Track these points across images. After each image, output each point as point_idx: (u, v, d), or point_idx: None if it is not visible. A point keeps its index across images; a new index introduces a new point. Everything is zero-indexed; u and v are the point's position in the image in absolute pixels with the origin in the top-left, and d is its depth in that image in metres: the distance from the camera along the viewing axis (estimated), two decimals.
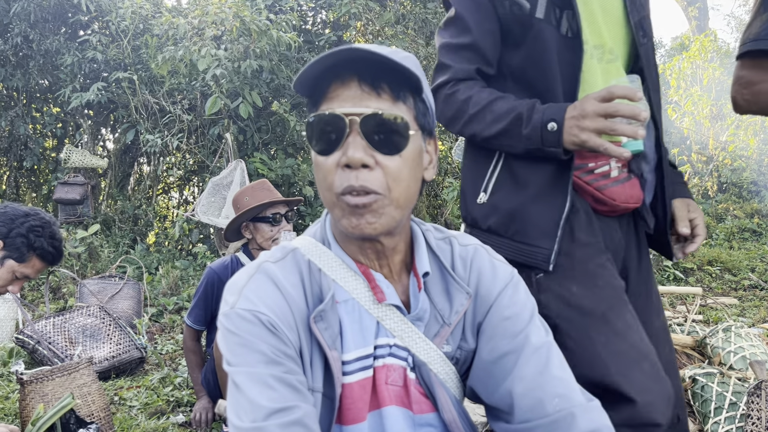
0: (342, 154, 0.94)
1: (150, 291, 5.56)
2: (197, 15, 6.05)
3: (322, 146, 0.95)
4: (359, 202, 0.93)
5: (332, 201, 0.96)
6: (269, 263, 1.04)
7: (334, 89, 0.95)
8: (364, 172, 0.93)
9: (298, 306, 1.00)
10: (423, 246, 1.09)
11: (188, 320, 2.94)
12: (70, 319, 3.93)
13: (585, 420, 0.97)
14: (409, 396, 1.05)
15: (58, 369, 2.75)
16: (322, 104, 0.96)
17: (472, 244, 1.14)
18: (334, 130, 0.94)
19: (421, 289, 1.06)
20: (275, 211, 2.82)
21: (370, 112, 0.93)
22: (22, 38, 7.13)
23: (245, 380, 0.92)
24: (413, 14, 7.21)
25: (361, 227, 0.95)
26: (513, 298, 1.09)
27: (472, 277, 1.10)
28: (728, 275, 6.39)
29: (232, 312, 0.98)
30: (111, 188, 7.98)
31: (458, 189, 6.62)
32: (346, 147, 0.93)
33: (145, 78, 7.16)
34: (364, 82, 0.94)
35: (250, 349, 0.94)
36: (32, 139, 7.77)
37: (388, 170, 0.95)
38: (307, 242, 1.08)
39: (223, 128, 6.66)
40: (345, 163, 0.93)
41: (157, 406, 3.26)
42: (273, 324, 0.96)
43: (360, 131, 0.93)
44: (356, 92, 0.94)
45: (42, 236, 2.18)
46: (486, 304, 1.09)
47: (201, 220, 5.49)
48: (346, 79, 0.94)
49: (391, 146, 0.95)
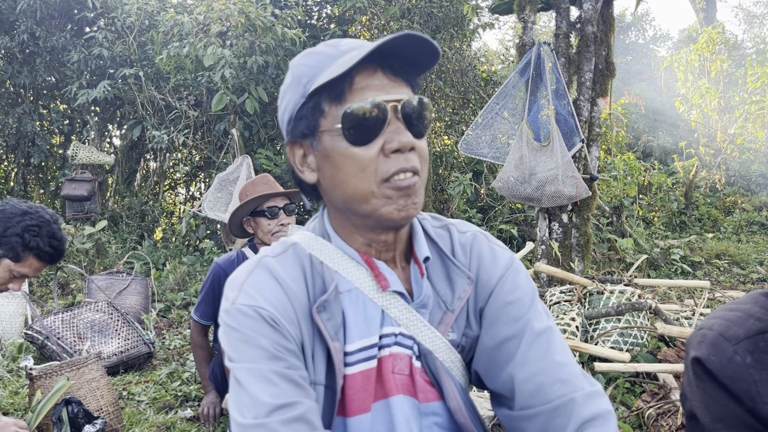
0: (386, 141, 0.94)
1: (157, 286, 5.59)
2: (202, 11, 6.05)
3: (362, 136, 0.94)
4: (410, 183, 0.95)
5: (370, 191, 0.95)
6: (269, 258, 1.04)
7: (360, 80, 0.94)
8: (410, 154, 0.95)
9: (299, 299, 1.00)
10: (420, 232, 1.09)
11: (195, 315, 2.95)
12: (78, 314, 3.96)
13: (587, 405, 0.97)
14: (414, 385, 1.05)
15: (66, 364, 2.77)
16: (349, 96, 0.94)
17: (470, 230, 1.15)
18: (376, 119, 0.93)
19: (424, 275, 1.06)
20: (272, 204, 2.80)
21: (407, 98, 0.95)
22: (29, 35, 7.15)
23: (247, 376, 0.92)
24: (418, 8, 7.19)
25: (407, 209, 0.96)
26: (514, 283, 1.08)
27: (473, 262, 1.10)
28: (736, 268, 6.36)
29: (232, 308, 0.97)
30: (118, 184, 8.01)
31: (464, 183, 6.60)
32: (391, 133, 0.94)
33: (151, 74, 7.18)
34: (388, 70, 0.96)
35: (251, 344, 0.94)
36: (39, 136, 7.80)
37: (422, 152, 0.98)
38: (306, 236, 1.08)
39: (229, 124, 6.67)
40: (396, 148, 0.94)
41: (166, 401, 3.28)
42: (274, 319, 0.96)
43: (400, 117, 0.95)
44: (383, 81, 0.95)
45: (39, 236, 2.13)
46: (487, 290, 1.09)
47: (208, 215, 5.51)
48: (369, 69, 0.95)
49: (423, 129, 0.98)
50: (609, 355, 3.12)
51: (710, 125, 9.93)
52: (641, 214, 8.11)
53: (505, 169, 4.70)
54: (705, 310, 3.98)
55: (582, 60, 4.84)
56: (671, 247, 6.54)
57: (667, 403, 2.75)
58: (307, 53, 1.02)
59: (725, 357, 0.91)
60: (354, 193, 0.96)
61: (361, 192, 0.96)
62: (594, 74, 4.86)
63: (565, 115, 4.69)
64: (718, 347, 0.92)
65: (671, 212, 8.37)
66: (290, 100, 1.01)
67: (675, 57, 11.41)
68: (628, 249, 6.50)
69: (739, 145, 9.44)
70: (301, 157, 1.04)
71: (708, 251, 6.72)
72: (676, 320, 3.70)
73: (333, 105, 0.95)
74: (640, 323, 3.40)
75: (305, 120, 0.98)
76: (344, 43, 0.99)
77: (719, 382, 0.91)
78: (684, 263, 6.29)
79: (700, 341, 0.96)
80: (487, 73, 8.41)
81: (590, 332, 3.50)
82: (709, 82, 10.14)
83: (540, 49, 4.75)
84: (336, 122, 0.95)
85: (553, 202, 4.56)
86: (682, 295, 5.05)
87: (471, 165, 7.65)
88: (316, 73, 0.97)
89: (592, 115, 4.88)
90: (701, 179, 9.23)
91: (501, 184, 4.75)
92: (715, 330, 0.95)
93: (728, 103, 9.92)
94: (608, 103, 5.19)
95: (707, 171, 9.42)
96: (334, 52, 0.98)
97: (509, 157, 4.70)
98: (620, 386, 3.10)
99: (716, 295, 4.52)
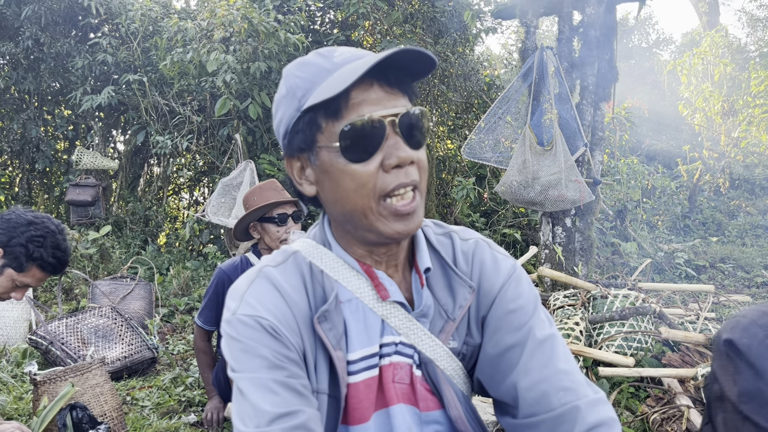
0: (385, 157, 0.93)
1: (161, 291, 5.59)
2: (206, 17, 6.07)
3: (360, 153, 0.93)
4: (410, 209, 0.95)
5: (369, 207, 0.94)
6: (269, 267, 1.04)
7: (357, 95, 0.92)
8: (410, 168, 0.95)
9: (300, 308, 1.00)
10: (423, 242, 1.08)
11: (199, 321, 2.95)
12: (82, 319, 3.96)
13: (591, 413, 0.96)
14: (415, 393, 1.05)
15: (70, 369, 2.77)
16: (345, 112, 0.93)
17: (473, 238, 1.14)
18: (373, 135, 0.92)
19: (424, 285, 1.05)
20: (282, 211, 2.82)
21: (404, 111, 0.94)
22: (33, 41, 7.18)
23: (248, 386, 0.93)
24: (421, 13, 7.20)
25: (409, 229, 0.96)
26: (516, 291, 1.08)
27: (475, 270, 1.09)
28: (741, 272, 6.34)
29: (233, 318, 0.98)
30: (122, 189, 8.03)
31: (467, 188, 6.60)
32: (390, 148, 0.93)
33: (155, 80, 7.20)
34: (384, 82, 0.94)
35: (253, 354, 0.94)
36: (44, 141, 7.84)
37: (421, 163, 0.97)
38: (307, 244, 1.08)
39: (233, 129, 6.68)
40: (395, 165, 0.93)
41: (169, 406, 3.28)
42: (275, 328, 0.96)
43: (398, 131, 0.93)
44: (380, 94, 0.93)
45: (42, 246, 2.12)
46: (489, 298, 1.08)
47: (211, 220, 5.51)
48: (365, 83, 0.93)
49: (422, 139, 0.97)
50: (613, 360, 3.11)
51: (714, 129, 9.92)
52: (645, 218, 8.09)
53: (508, 173, 4.70)
54: (709, 314, 3.96)
55: (585, 64, 4.84)
56: (675, 251, 6.53)
57: (672, 407, 2.74)
58: (300, 63, 1.00)
59: (756, 339, 1.03)
60: (353, 208, 0.96)
61: (360, 208, 0.95)
62: (597, 78, 4.86)
63: (568, 119, 4.69)
64: (749, 331, 1.05)
65: (675, 216, 8.36)
66: (285, 113, 0.99)
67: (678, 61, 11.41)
68: (631, 253, 6.48)
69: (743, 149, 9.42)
70: (299, 170, 1.03)
71: (712, 255, 6.71)
72: (681, 324, 3.68)
73: (329, 121, 0.94)
74: (644, 327, 3.39)
75: (302, 134, 0.97)
76: (338, 54, 0.97)
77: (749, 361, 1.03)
78: (688, 267, 6.27)
79: (733, 326, 1.08)
80: (490, 78, 8.42)
81: (594, 337, 3.49)
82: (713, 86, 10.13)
83: (543, 53, 4.75)
84: (333, 139, 0.93)
85: (556, 206, 4.56)
86: (686, 299, 5.04)
87: (474, 169, 7.65)
88: (311, 87, 0.95)
89: (594, 119, 4.88)
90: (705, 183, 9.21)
91: (504, 188, 4.75)
92: (749, 317, 1.07)
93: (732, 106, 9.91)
94: (611, 107, 5.18)
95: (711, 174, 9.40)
96: (328, 65, 0.96)
97: (512, 162, 4.70)
98: (624, 391, 3.09)
99: (721, 299, 4.50)
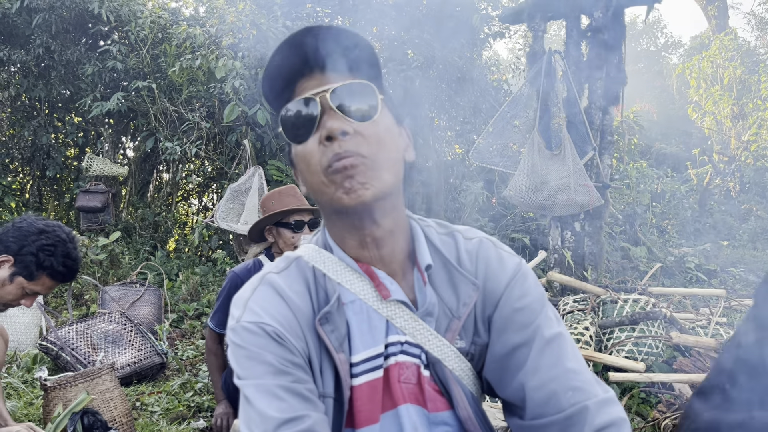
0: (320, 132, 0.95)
1: (170, 297, 5.61)
2: (214, 24, 6.11)
3: (300, 133, 0.96)
4: (347, 163, 0.92)
5: (320, 181, 0.95)
6: (272, 274, 1.04)
7: (300, 86, 0.98)
8: (345, 140, 0.93)
9: (303, 313, 1.00)
10: (422, 239, 1.08)
11: (211, 323, 2.96)
12: (92, 325, 3.98)
13: (600, 413, 0.94)
14: (423, 393, 1.03)
15: (80, 375, 2.79)
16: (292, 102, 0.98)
17: (477, 236, 1.12)
18: (308, 114, 0.95)
19: (426, 282, 1.04)
20: (299, 218, 2.83)
21: (337, 84, 0.95)
22: (44, 49, 7.25)
23: (254, 392, 0.93)
24: (428, 18, 7.21)
25: (355, 189, 0.93)
26: (522, 288, 1.06)
27: (479, 269, 1.08)
28: (752, 276, 6.28)
29: (238, 326, 0.98)
30: (131, 196, 8.08)
31: (475, 192, 6.59)
32: (323, 123, 0.94)
33: (164, 86, 7.25)
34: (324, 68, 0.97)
35: (257, 361, 0.95)
36: (54, 148, 7.90)
37: (368, 135, 0.95)
38: (309, 249, 1.08)
39: (241, 135, 6.71)
40: (326, 136, 0.93)
41: (178, 412, 3.28)
42: (279, 334, 0.96)
43: (332, 105, 0.94)
44: (321, 79, 0.96)
45: (53, 255, 2.12)
46: (495, 297, 1.06)
47: (220, 226, 5.53)
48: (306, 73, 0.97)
49: (365, 112, 0.96)
50: (623, 365, 3.09)
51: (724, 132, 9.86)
52: (655, 222, 8.04)
53: (516, 177, 4.69)
54: (721, 319, 3.93)
55: (593, 68, 4.83)
56: (685, 255, 6.48)
57: None
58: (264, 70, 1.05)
59: None
60: (311, 188, 0.98)
61: (315, 185, 0.97)
62: (605, 82, 4.84)
63: (577, 123, 4.67)
64: None
65: (685, 220, 8.30)
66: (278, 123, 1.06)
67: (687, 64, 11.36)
68: (641, 257, 6.44)
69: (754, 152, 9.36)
70: (295, 172, 1.06)
71: (723, 259, 6.66)
72: (692, 329, 3.66)
73: None
74: (654, 332, 3.37)
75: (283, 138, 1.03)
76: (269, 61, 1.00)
77: None
78: (699, 271, 6.23)
79: None
80: (498, 82, 8.41)
81: (604, 342, 3.47)
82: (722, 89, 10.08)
83: (551, 57, 4.75)
84: None
85: (565, 210, 4.54)
86: (697, 303, 4.99)
87: (482, 173, 7.64)
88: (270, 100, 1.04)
89: (603, 122, 4.86)
90: (715, 186, 9.15)
91: (513, 192, 4.74)
92: None
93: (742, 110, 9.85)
94: (620, 110, 5.16)
95: (721, 178, 9.34)
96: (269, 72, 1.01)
97: (521, 166, 4.69)
98: (635, 396, 3.07)
99: (732, 303, 4.46)
